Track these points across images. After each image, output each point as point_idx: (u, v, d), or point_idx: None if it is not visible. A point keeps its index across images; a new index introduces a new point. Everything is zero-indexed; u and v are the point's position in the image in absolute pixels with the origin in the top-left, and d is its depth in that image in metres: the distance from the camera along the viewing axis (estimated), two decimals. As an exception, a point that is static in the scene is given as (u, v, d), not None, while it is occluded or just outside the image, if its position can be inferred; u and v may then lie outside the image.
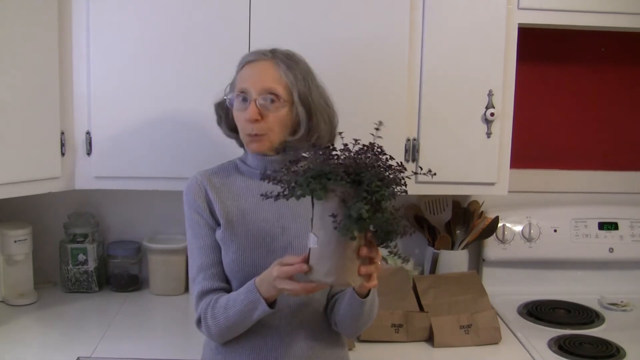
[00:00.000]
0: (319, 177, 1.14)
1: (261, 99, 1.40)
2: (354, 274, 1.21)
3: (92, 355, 1.70)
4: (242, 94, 1.43)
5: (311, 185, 1.13)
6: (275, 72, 1.43)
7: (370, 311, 1.41)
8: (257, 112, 1.40)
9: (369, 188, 1.12)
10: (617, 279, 2.29)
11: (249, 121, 1.41)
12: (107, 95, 1.86)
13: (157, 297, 2.17)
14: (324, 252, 1.18)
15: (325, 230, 1.17)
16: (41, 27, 1.77)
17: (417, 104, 1.91)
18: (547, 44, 2.29)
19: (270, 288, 1.30)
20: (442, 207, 2.23)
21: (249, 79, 1.43)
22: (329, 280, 1.20)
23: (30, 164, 1.77)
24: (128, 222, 2.29)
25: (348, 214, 1.12)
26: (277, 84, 1.42)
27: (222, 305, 1.37)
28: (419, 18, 1.88)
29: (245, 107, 1.42)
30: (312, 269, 1.20)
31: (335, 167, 1.15)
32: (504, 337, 1.86)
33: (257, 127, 1.41)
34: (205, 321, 1.39)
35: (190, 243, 1.47)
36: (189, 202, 1.47)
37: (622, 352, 1.78)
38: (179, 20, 1.85)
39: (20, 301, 2.06)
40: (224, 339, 1.43)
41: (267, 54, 1.46)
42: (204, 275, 1.43)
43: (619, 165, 2.40)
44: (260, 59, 1.45)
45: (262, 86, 1.41)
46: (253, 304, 1.32)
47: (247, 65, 1.45)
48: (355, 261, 1.20)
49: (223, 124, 1.54)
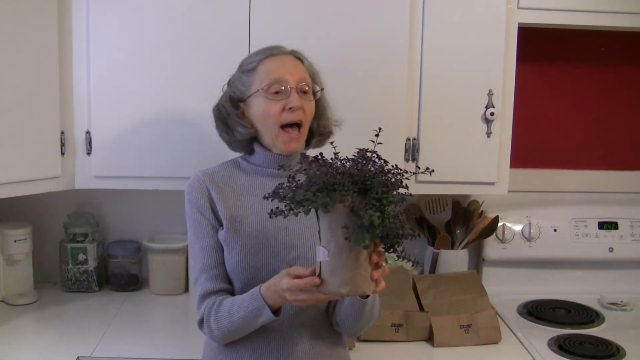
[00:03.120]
0: (326, 189, 1.12)
1: (299, 88, 1.40)
2: (367, 281, 1.21)
3: (92, 355, 1.70)
4: (276, 85, 1.40)
5: (320, 199, 1.11)
6: (301, 65, 1.45)
7: (372, 310, 1.41)
8: (301, 100, 1.39)
9: (377, 195, 1.12)
10: (617, 279, 2.29)
11: (293, 109, 1.38)
12: (107, 95, 1.86)
13: (157, 297, 2.17)
14: (337, 264, 1.18)
15: (336, 242, 1.17)
16: (41, 27, 1.77)
17: (417, 103, 1.91)
18: (547, 44, 2.29)
19: (276, 297, 1.29)
20: (442, 207, 2.23)
21: (281, 69, 1.41)
22: (344, 290, 1.20)
23: (30, 164, 1.77)
24: (128, 222, 2.29)
25: (359, 223, 1.12)
26: (307, 75, 1.44)
27: (227, 310, 1.36)
28: (418, 18, 1.88)
29: (283, 97, 1.39)
30: (324, 282, 1.20)
31: (341, 178, 1.14)
32: (504, 336, 1.86)
33: (298, 114, 1.40)
34: (208, 323, 1.39)
35: (192, 243, 1.46)
36: (192, 201, 1.45)
37: (622, 351, 1.78)
38: (179, 20, 1.85)
39: (20, 301, 2.06)
40: (225, 341, 1.43)
41: (283, 48, 1.46)
42: (207, 276, 1.42)
43: (619, 165, 2.40)
44: (282, 53, 1.46)
45: (299, 75, 1.41)
46: (257, 311, 1.32)
47: (268, 59, 1.43)
48: (367, 268, 1.21)
49: (237, 120, 1.45)
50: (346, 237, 1.15)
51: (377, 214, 1.10)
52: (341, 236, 1.15)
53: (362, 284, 1.21)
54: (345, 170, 1.16)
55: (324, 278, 1.20)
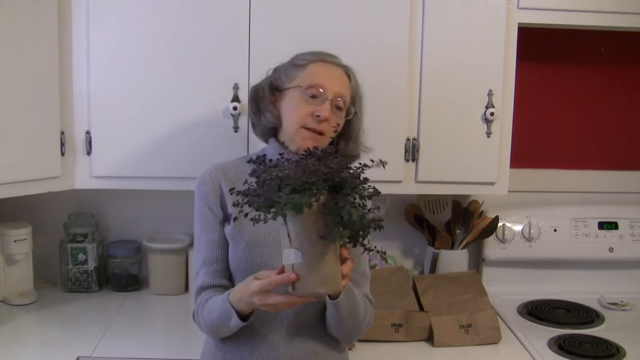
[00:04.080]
0: (301, 190, 1.10)
1: (335, 101, 1.41)
2: (340, 278, 1.21)
3: (92, 355, 1.70)
4: (314, 89, 1.41)
5: (296, 200, 1.09)
6: (347, 82, 1.46)
7: (352, 314, 1.40)
8: (330, 112, 1.40)
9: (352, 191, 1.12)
10: (617, 279, 2.29)
11: (320, 119, 1.39)
12: (107, 95, 1.86)
13: (157, 297, 2.17)
14: (312, 263, 1.16)
15: (310, 242, 1.15)
16: (41, 27, 1.77)
17: (417, 103, 1.91)
18: (547, 44, 2.29)
19: (242, 304, 1.30)
20: (442, 207, 2.23)
21: (326, 77, 1.42)
22: (322, 290, 1.20)
23: (30, 164, 1.77)
24: (128, 222, 2.29)
25: (336, 220, 1.11)
26: (348, 93, 1.44)
27: (208, 308, 1.39)
28: (418, 18, 1.88)
29: (317, 102, 1.40)
30: (300, 283, 1.18)
31: (312, 177, 1.12)
32: (504, 336, 1.86)
33: (323, 125, 1.40)
34: (197, 317, 1.42)
35: (198, 235, 1.47)
36: (202, 194, 1.46)
37: (622, 351, 1.78)
38: (178, 20, 1.84)
39: (20, 301, 2.06)
40: (215, 337, 1.45)
41: (338, 61, 1.47)
42: (207, 270, 1.44)
43: (619, 165, 2.40)
44: (335, 62, 1.46)
45: (338, 90, 1.42)
46: (227, 314, 1.34)
47: (319, 63, 1.44)
48: (339, 265, 1.20)
49: (269, 106, 1.47)
50: (322, 235, 1.14)
51: (355, 209, 1.11)
52: (315, 235, 1.14)
53: (337, 281, 1.20)
54: (315, 168, 1.14)
55: (299, 279, 1.18)
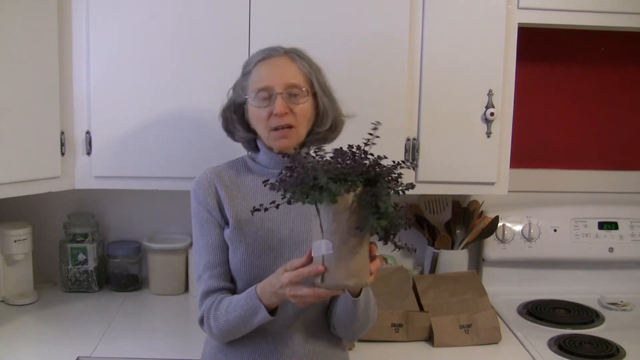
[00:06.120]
0: (339, 179, 1.13)
1: (286, 93, 1.40)
2: (368, 273, 1.21)
3: (92, 355, 1.70)
4: (263, 92, 1.41)
5: (333, 187, 1.12)
6: (293, 66, 1.44)
7: (366, 312, 1.40)
8: (285, 106, 1.40)
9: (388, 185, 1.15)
10: (617, 279, 2.29)
11: (277, 115, 1.39)
12: (107, 95, 1.86)
13: (157, 297, 2.17)
14: (342, 256, 1.17)
15: (341, 234, 1.16)
16: (41, 27, 1.77)
17: (417, 103, 1.91)
18: (547, 44, 2.29)
19: (272, 297, 1.29)
20: (442, 207, 2.23)
21: (268, 77, 1.42)
22: (350, 282, 1.20)
23: (30, 164, 1.77)
24: (128, 222, 2.29)
25: (371, 211, 1.13)
26: (298, 77, 1.43)
27: (224, 308, 1.37)
28: (418, 17, 1.88)
29: (269, 103, 1.40)
30: (328, 275, 1.18)
31: (350, 169, 1.15)
32: (504, 336, 1.86)
33: (287, 119, 1.40)
34: (208, 321, 1.39)
35: (197, 240, 1.46)
36: (198, 199, 1.46)
37: (622, 351, 1.78)
38: (178, 20, 1.84)
39: (20, 301, 2.06)
40: (225, 340, 1.43)
41: (279, 49, 1.46)
42: (210, 274, 1.42)
43: (618, 165, 2.40)
44: (273, 55, 1.45)
45: (285, 81, 1.41)
46: (253, 310, 1.32)
47: (260, 64, 1.44)
48: (368, 260, 1.21)
49: (237, 126, 1.50)
50: (357, 226, 1.14)
51: (390, 202, 1.13)
52: (347, 227, 1.15)
53: (365, 276, 1.21)
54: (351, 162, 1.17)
55: (328, 271, 1.18)
